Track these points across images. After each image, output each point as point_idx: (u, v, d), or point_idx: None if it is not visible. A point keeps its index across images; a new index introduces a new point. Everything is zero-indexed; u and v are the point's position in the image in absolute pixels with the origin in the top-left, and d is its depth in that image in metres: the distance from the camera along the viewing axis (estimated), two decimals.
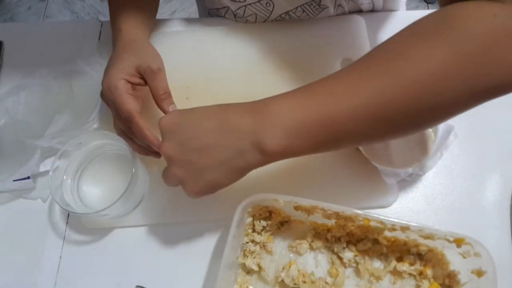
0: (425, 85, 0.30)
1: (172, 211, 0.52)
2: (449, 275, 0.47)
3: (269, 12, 0.61)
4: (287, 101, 0.35)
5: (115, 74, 0.47)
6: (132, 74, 0.48)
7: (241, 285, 0.48)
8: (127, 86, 0.47)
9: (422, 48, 0.29)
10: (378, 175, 0.53)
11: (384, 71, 0.31)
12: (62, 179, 0.49)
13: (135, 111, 0.45)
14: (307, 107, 0.33)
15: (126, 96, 0.46)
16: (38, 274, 0.51)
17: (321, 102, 0.33)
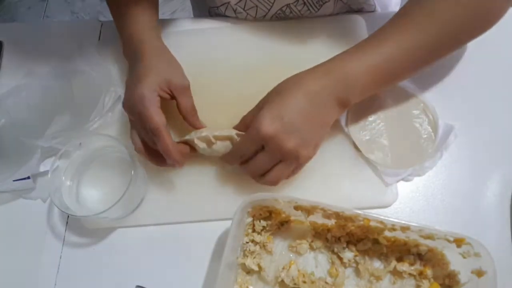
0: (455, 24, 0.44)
1: (172, 212, 0.52)
2: (449, 275, 0.47)
3: (270, 4, 0.61)
4: (359, 61, 0.44)
5: (149, 86, 0.46)
6: (163, 88, 0.48)
7: (241, 285, 0.48)
8: (157, 99, 0.47)
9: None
10: (378, 175, 0.53)
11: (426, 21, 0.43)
12: (61, 180, 0.49)
13: (163, 125, 0.45)
14: (374, 62, 0.44)
15: (156, 109, 0.46)
16: (38, 274, 0.51)
17: (384, 54, 0.43)
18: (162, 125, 0.45)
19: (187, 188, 0.53)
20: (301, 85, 0.44)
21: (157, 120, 0.45)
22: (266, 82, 0.59)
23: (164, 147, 0.45)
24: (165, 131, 0.45)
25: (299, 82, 0.44)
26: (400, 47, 0.44)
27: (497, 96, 0.58)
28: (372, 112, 0.55)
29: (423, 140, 0.54)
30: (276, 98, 0.44)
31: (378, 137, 0.54)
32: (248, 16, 0.64)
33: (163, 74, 0.48)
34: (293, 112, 0.43)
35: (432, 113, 0.55)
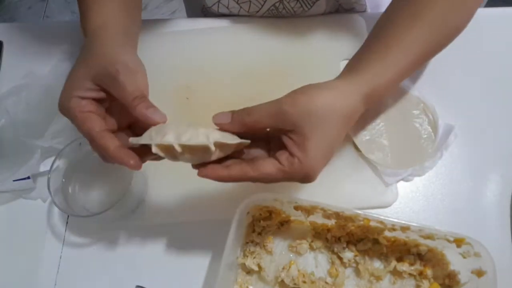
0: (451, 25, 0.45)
1: (172, 212, 0.52)
2: (449, 275, 0.47)
3: (263, 0, 0.61)
4: (383, 77, 0.42)
5: (65, 92, 0.40)
6: (87, 89, 0.39)
7: (241, 285, 0.48)
8: (81, 104, 0.39)
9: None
10: (378, 175, 0.53)
11: (427, 26, 0.43)
12: (61, 180, 0.49)
13: (95, 130, 0.38)
14: (394, 76, 0.42)
15: (80, 115, 0.38)
16: (38, 274, 0.50)
17: (396, 61, 0.42)
18: (93, 129, 0.38)
19: (187, 188, 0.53)
20: (339, 113, 0.38)
21: (86, 126, 0.38)
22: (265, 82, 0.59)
23: (104, 152, 0.38)
24: (101, 134, 0.38)
25: (335, 109, 0.38)
26: (414, 54, 0.43)
27: (497, 96, 0.58)
28: (372, 112, 0.55)
29: (423, 140, 0.54)
30: (319, 132, 0.37)
31: (378, 137, 0.54)
32: (241, 10, 0.63)
33: (84, 70, 0.40)
34: (335, 147, 0.40)
35: (432, 113, 0.55)
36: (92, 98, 0.39)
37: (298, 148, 0.37)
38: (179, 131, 0.36)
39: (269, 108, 0.38)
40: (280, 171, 0.37)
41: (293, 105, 0.37)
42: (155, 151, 0.35)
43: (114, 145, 0.37)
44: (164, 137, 0.35)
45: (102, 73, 0.39)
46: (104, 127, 0.39)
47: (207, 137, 0.35)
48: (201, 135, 0.36)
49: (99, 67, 0.39)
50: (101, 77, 0.39)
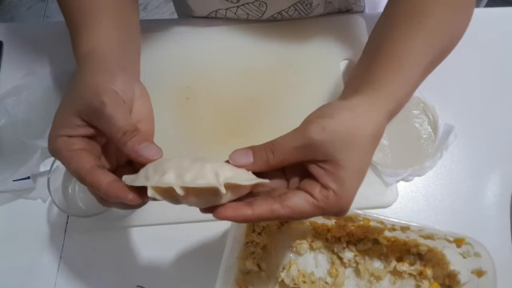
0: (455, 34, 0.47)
1: (172, 212, 0.52)
2: (449, 275, 0.47)
3: (262, 13, 0.61)
4: (399, 84, 0.40)
5: (51, 133, 0.35)
6: (75, 125, 0.34)
7: (241, 285, 0.48)
8: (68, 142, 0.34)
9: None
10: (378, 175, 0.53)
11: (436, 37, 0.43)
12: (61, 180, 0.49)
13: (85, 169, 0.33)
14: (408, 82, 0.41)
15: (67, 154, 0.34)
16: (38, 274, 0.50)
17: (412, 72, 0.41)
18: (83, 167, 0.33)
19: None
20: (370, 136, 0.35)
21: (73, 166, 0.33)
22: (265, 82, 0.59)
23: (97, 191, 0.33)
24: (90, 171, 0.33)
25: (366, 133, 0.34)
26: (426, 62, 0.42)
27: (497, 97, 0.58)
28: None
29: (423, 140, 0.54)
30: (353, 159, 0.33)
31: None
32: (239, 20, 0.64)
33: (69, 107, 0.35)
34: (366, 171, 0.36)
35: (432, 113, 0.55)
36: (81, 135, 0.35)
37: (333, 179, 0.32)
38: (182, 167, 0.30)
39: (296, 141, 0.33)
40: (315, 207, 0.32)
41: (323, 134, 0.32)
42: (151, 194, 0.30)
43: (107, 180, 0.32)
44: (163, 176, 0.29)
45: (87, 107, 0.34)
46: (96, 163, 0.34)
47: (216, 176, 0.29)
48: (209, 173, 0.29)
49: (85, 101, 0.34)
50: (87, 112, 0.34)
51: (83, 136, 0.35)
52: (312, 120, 0.34)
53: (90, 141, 0.35)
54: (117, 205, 0.35)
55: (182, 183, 0.29)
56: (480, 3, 1.57)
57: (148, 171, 0.31)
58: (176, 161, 0.31)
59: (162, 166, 0.30)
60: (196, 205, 0.32)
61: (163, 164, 0.31)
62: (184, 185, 0.29)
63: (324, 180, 0.33)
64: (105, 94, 0.34)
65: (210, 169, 0.30)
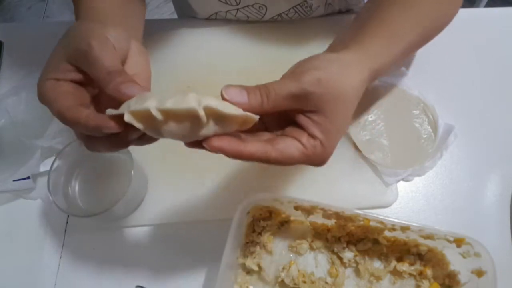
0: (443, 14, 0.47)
1: (172, 212, 0.52)
2: (449, 275, 0.47)
3: (262, 15, 0.61)
4: (386, 57, 0.41)
5: (40, 78, 0.35)
6: (64, 70, 0.34)
7: (241, 285, 0.48)
8: (56, 85, 0.34)
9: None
10: (378, 175, 0.53)
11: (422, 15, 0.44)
12: (61, 180, 0.49)
13: (65, 107, 0.32)
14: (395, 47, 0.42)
15: (52, 95, 0.33)
16: (38, 274, 0.50)
17: (400, 39, 0.43)
18: (64, 106, 0.32)
19: (187, 188, 0.53)
20: (357, 91, 0.36)
21: (56, 105, 0.33)
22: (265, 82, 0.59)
23: (77, 127, 0.32)
24: (71, 108, 0.32)
25: (355, 88, 0.36)
26: (416, 34, 0.44)
27: (497, 96, 0.58)
28: (372, 112, 0.55)
29: (423, 140, 0.54)
30: (340, 112, 0.34)
31: (378, 137, 0.54)
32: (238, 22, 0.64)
33: (60, 52, 0.35)
34: (348, 125, 0.38)
35: (432, 113, 0.55)
36: (70, 80, 0.34)
37: (320, 130, 0.33)
38: (164, 96, 0.28)
39: (290, 89, 0.32)
40: (303, 154, 0.33)
41: (318, 86, 0.32)
42: (128, 119, 0.28)
43: (86, 112, 0.31)
44: (144, 103, 0.27)
45: (76, 51, 0.33)
46: (79, 103, 0.33)
47: (198, 103, 0.27)
48: (192, 99, 0.27)
49: (74, 45, 0.34)
50: (76, 55, 0.33)
51: (71, 81, 0.34)
52: (307, 71, 0.33)
53: (79, 87, 0.34)
54: (102, 143, 0.33)
55: (161, 107, 0.27)
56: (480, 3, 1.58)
57: (131, 102, 0.29)
58: (161, 93, 0.29)
59: (144, 96, 0.29)
60: (178, 137, 0.30)
61: (145, 95, 0.30)
62: (163, 107, 0.27)
63: (312, 130, 0.33)
64: (94, 38, 0.33)
65: (193, 97, 0.28)
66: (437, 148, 0.54)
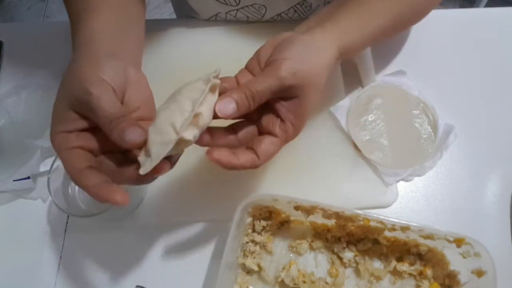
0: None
1: (172, 212, 0.52)
2: (449, 275, 0.47)
3: (261, 15, 0.61)
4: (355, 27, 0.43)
5: (51, 130, 0.35)
6: (70, 120, 0.35)
7: (241, 285, 0.48)
8: (67, 139, 0.34)
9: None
10: (378, 175, 0.53)
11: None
12: (61, 180, 0.49)
13: (76, 170, 0.34)
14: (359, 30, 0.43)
15: (63, 154, 0.34)
16: (38, 274, 0.50)
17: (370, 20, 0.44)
18: (75, 168, 0.34)
19: (187, 188, 0.53)
20: (326, 72, 0.40)
21: (67, 165, 0.34)
22: None
23: (86, 192, 0.33)
24: (79, 172, 0.34)
25: (325, 71, 0.40)
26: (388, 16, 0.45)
27: (497, 96, 0.58)
28: (372, 112, 0.55)
29: (423, 140, 0.54)
30: (312, 95, 0.38)
31: (378, 137, 0.54)
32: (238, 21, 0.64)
33: (63, 102, 0.35)
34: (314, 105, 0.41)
35: (432, 113, 0.55)
36: (78, 130, 0.35)
37: (294, 114, 0.38)
38: (173, 116, 0.33)
39: (271, 87, 0.36)
40: (279, 144, 0.38)
41: (294, 79, 0.36)
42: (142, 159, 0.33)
43: (93, 182, 0.33)
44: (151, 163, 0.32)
45: (77, 101, 0.34)
46: (87, 164, 0.34)
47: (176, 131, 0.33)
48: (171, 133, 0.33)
49: (74, 93, 0.34)
50: (78, 104, 0.34)
51: (80, 130, 0.35)
52: (282, 63, 0.37)
53: (87, 135, 0.35)
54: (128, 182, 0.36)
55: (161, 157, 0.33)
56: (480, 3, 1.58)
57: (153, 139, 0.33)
58: (163, 113, 0.34)
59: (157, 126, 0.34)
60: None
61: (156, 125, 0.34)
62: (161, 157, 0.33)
63: (285, 116, 0.38)
64: (92, 85, 0.34)
65: (171, 130, 0.33)
66: (437, 148, 0.54)
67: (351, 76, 0.59)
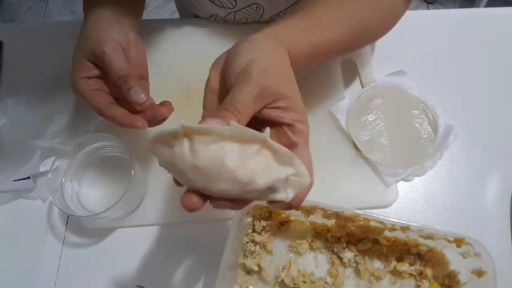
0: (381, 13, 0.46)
1: (171, 212, 0.52)
2: (449, 275, 0.47)
3: (260, 15, 0.61)
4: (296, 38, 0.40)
5: (73, 76, 0.45)
6: (88, 68, 0.45)
7: (241, 285, 0.48)
8: (88, 83, 0.45)
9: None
10: (378, 175, 0.53)
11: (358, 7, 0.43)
12: (61, 180, 0.49)
13: (103, 105, 0.44)
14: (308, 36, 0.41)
15: (88, 94, 0.44)
16: (38, 274, 0.50)
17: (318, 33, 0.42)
18: (102, 104, 0.44)
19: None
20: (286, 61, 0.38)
21: (94, 104, 0.44)
22: None
23: (114, 121, 0.44)
24: (107, 108, 0.44)
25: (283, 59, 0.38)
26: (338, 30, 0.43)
27: (497, 96, 0.58)
28: (372, 112, 0.55)
29: (423, 140, 0.54)
30: (292, 89, 0.36)
31: (378, 137, 0.54)
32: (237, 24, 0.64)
33: (81, 53, 0.45)
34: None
35: (432, 113, 0.55)
36: (96, 77, 0.45)
37: (293, 111, 0.34)
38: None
39: (250, 94, 0.33)
40: (306, 150, 0.35)
41: (266, 77, 0.34)
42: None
43: (120, 113, 0.44)
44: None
45: (93, 54, 0.44)
46: (110, 100, 0.45)
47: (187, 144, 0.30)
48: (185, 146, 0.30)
49: (90, 48, 0.44)
50: (93, 57, 0.44)
51: (97, 78, 0.45)
52: (250, 67, 0.34)
53: (101, 82, 0.46)
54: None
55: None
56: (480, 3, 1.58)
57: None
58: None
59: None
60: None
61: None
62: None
63: (287, 118, 0.34)
64: (106, 44, 0.44)
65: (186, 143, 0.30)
66: (437, 148, 0.54)
67: (351, 76, 0.59)
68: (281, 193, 0.30)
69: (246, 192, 0.30)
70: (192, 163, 0.29)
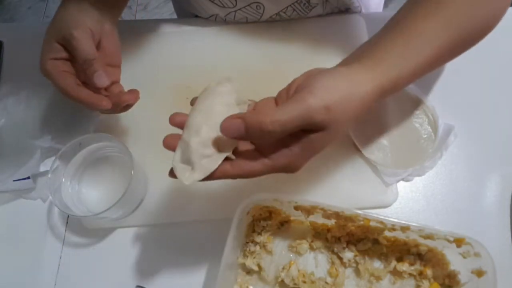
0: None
1: (171, 212, 0.52)
2: (449, 275, 0.47)
3: (260, 15, 0.61)
4: (399, 62, 0.38)
5: (42, 56, 0.46)
6: (57, 50, 0.46)
7: (241, 285, 0.48)
8: (56, 64, 0.46)
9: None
10: (378, 175, 0.53)
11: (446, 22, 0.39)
12: (61, 180, 0.49)
13: (70, 86, 0.45)
14: (410, 61, 0.39)
15: (56, 75, 0.45)
16: (38, 274, 0.50)
17: (417, 53, 0.39)
18: (68, 85, 0.45)
19: (187, 188, 0.53)
20: (359, 109, 0.36)
21: (61, 85, 0.45)
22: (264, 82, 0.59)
23: (79, 103, 0.45)
24: (73, 90, 0.45)
25: (357, 106, 0.35)
26: (436, 47, 0.40)
27: (497, 96, 0.58)
28: (372, 112, 0.55)
29: (423, 140, 0.54)
30: (339, 129, 0.35)
31: (378, 137, 0.54)
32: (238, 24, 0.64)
33: (51, 34, 0.46)
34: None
35: (432, 113, 0.55)
36: (63, 58, 0.46)
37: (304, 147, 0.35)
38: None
39: (297, 119, 0.32)
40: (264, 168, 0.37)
41: (328, 114, 0.33)
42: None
43: (85, 94, 0.45)
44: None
45: (62, 37, 0.45)
46: (76, 82, 0.46)
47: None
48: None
49: (61, 31, 0.45)
50: (62, 40, 0.45)
51: (64, 59, 0.46)
52: (319, 97, 0.33)
53: (69, 64, 0.47)
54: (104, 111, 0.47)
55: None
56: None
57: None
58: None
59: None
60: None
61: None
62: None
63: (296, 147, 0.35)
64: (76, 28, 0.44)
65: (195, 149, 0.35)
66: (437, 148, 0.54)
67: None
68: None
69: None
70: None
